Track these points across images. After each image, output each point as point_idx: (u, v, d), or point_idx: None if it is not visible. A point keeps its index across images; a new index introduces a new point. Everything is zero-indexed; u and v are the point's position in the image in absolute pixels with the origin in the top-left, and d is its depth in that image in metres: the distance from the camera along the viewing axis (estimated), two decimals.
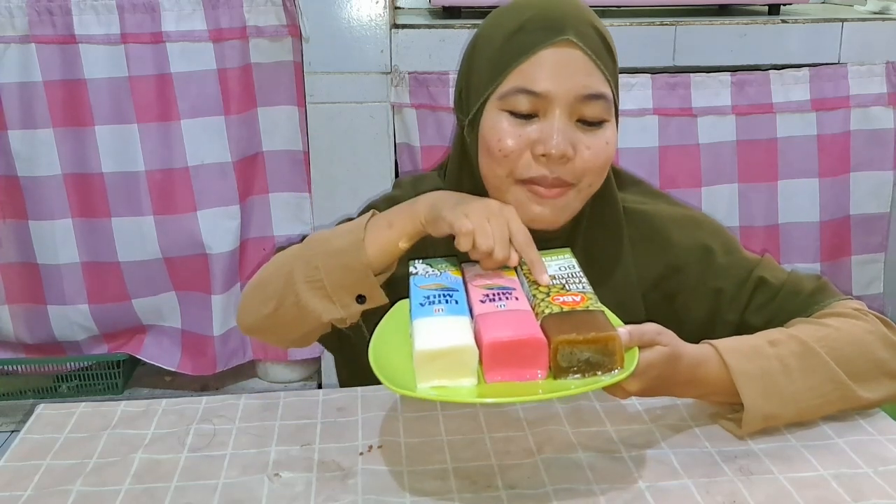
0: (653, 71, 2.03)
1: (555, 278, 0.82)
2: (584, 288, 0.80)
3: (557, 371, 0.72)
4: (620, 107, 0.97)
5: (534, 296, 0.79)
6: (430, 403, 0.90)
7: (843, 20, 2.09)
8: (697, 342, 0.87)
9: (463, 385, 0.72)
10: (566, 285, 0.81)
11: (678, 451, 0.82)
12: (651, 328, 0.80)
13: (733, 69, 2.06)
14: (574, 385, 0.71)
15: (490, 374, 0.72)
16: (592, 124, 0.91)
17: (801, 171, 2.12)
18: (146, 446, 0.84)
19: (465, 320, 0.76)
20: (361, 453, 0.82)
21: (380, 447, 0.83)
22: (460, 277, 0.84)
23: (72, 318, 2.12)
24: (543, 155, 0.90)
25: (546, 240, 0.96)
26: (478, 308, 0.78)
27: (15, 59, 1.94)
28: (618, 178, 1.04)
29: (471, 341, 0.73)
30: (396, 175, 2.12)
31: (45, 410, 0.92)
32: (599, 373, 0.72)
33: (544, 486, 0.77)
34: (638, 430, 0.86)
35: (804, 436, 0.85)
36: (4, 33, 1.93)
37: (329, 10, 1.99)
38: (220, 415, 0.90)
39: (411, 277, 0.84)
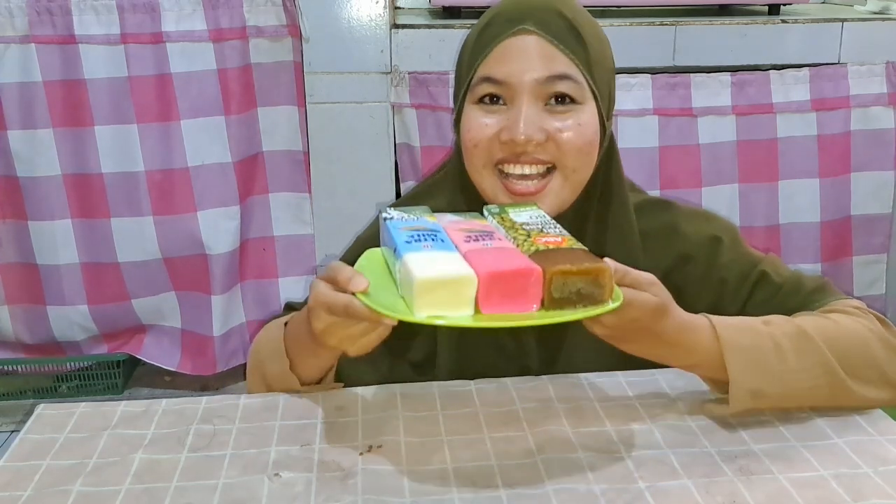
0: (653, 71, 2.03)
1: (528, 224, 0.83)
2: (561, 231, 0.81)
3: (550, 303, 0.73)
4: (621, 106, 0.97)
5: (514, 238, 0.80)
6: (431, 404, 0.90)
7: (843, 20, 2.09)
8: None
9: (460, 315, 0.72)
10: (543, 229, 0.82)
11: (678, 451, 0.82)
12: (645, 276, 0.81)
13: (733, 69, 2.06)
14: (569, 313, 0.72)
15: (486, 306, 0.72)
16: (563, 105, 0.92)
17: (801, 172, 2.12)
18: (146, 446, 0.84)
19: (456, 255, 0.76)
20: (361, 453, 0.82)
21: (380, 447, 0.83)
22: (437, 222, 0.84)
23: (71, 319, 2.12)
24: (511, 141, 0.91)
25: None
26: (464, 246, 0.77)
27: (15, 60, 1.94)
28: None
29: (470, 271, 0.72)
30: (396, 175, 2.12)
31: (45, 410, 0.91)
32: (589, 305, 0.73)
33: (544, 487, 0.77)
34: (638, 430, 0.86)
35: (804, 436, 0.85)
36: (4, 33, 1.93)
37: (329, 10, 1.99)
38: (220, 415, 0.90)
39: (387, 222, 0.83)
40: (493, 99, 0.93)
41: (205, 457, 0.82)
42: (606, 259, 0.77)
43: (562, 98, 0.92)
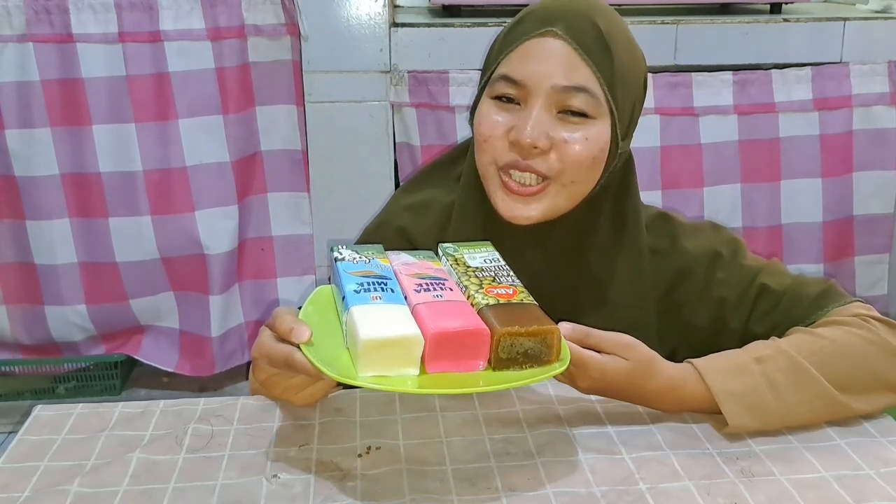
0: (654, 70, 2.02)
1: (482, 270, 0.83)
2: (513, 281, 0.81)
3: (496, 362, 0.73)
4: None
5: (465, 287, 0.79)
6: (430, 404, 0.90)
7: (845, 19, 2.08)
8: (704, 350, 0.88)
9: (405, 374, 0.72)
10: (496, 277, 0.81)
11: (679, 453, 0.82)
12: (615, 339, 0.82)
13: (735, 68, 2.05)
14: (514, 378, 0.72)
15: (431, 365, 0.72)
16: (575, 117, 0.91)
17: (803, 171, 2.12)
18: (144, 447, 0.84)
19: (405, 309, 0.75)
20: (360, 455, 0.82)
21: (378, 449, 0.83)
22: (389, 265, 0.84)
23: (69, 319, 2.11)
24: (517, 142, 0.90)
25: (551, 253, 0.96)
26: (414, 297, 0.77)
27: (12, 59, 1.93)
28: None
29: (417, 331, 0.72)
30: (396, 175, 2.12)
31: (43, 412, 0.91)
32: (536, 365, 0.73)
33: (544, 488, 0.76)
34: (638, 432, 0.85)
35: (806, 437, 0.85)
36: (2, 32, 1.92)
37: (328, 9, 1.98)
38: (218, 415, 0.89)
39: (337, 263, 0.82)
40: (509, 99, 0.93)
41: (203, 458, 0.82)
42: (562, 323, 0.78)
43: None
